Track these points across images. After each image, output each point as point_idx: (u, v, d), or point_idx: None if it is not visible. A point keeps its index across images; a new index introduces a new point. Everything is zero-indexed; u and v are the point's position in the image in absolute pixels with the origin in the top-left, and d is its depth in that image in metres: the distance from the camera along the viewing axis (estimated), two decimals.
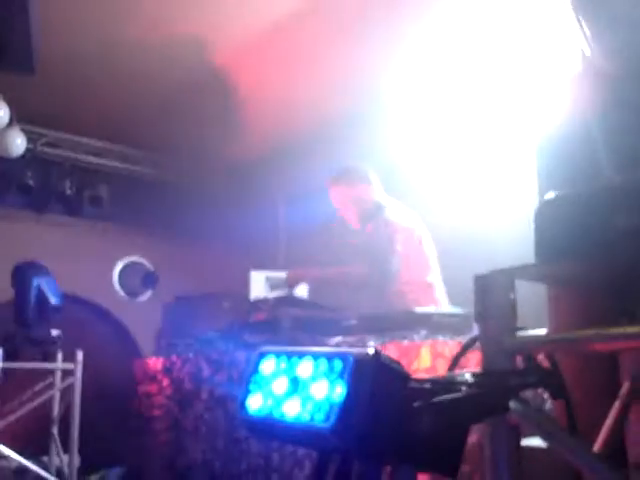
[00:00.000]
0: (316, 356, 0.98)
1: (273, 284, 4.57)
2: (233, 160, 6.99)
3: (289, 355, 1.04)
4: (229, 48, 4.94)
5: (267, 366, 1.07)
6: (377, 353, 0.93)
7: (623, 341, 1.25)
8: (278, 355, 1.06)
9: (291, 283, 4.01)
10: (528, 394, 1.52)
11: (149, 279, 6.27)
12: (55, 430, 4.54)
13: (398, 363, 0.96)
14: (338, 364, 0.93)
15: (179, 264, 5.95)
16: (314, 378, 0.97)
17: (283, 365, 1.04)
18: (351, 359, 0.91)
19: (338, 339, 2.83)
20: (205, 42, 4.84)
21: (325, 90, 5.42)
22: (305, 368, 1.00)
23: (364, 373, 0.91)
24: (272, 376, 1.05)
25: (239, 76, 5.32)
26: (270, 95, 5.49)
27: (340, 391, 0.91)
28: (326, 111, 5.75)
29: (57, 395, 4.61)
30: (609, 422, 1.60)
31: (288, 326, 3.15)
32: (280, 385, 1.02)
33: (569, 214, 1.37)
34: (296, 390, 0.99)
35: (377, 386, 0.92)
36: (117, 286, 6.22)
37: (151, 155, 6.73)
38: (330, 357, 0.95)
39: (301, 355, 1.02)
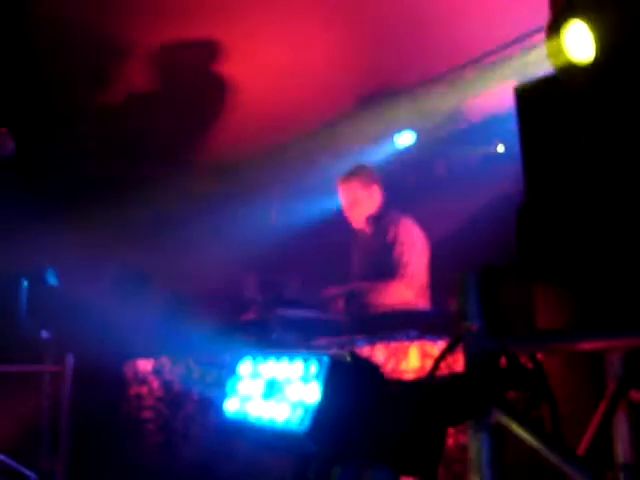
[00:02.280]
0: (292, 357, 0.97)
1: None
2: (226, 160, 6.97)
3: (266, 357, 1.03)
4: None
5: (244, 368, 1.06)
6: (353, 354, 0.92)
7: (609, 340, 1.24)
8: (255, 357, 1.05)
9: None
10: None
11: (140, 280, 6.24)
12: (45, 433, 4.51)
13: (375, 364, 0.95)
14: (314, 365, 0.92)
15: (171, 266, 5.92)
16: (290, 380, 0.95)
17: (260, 367, 1.03)
18: (326, 360, 0.90)
19: (327, 339, 2.82)
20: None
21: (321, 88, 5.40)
22: (281, 370, 0.98)
23: (340, 374, 0.89)
24: (249, 378, 1.04)
25: (232, 75, 5.31)
26: (265, 93, 5.47)
27: (315, 393, 0.90)
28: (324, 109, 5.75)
29: (46, 398, 4.57)
30: (595, 422, 1.59)
31: (278, 327, 3.13)
32: (256, 387, 1.01)
33: (551, 214, 1.36)
34: (272, 392, 0.98)
35: (353, 388, 0.90)
36: (108, 287, 6.19)
37: (144, 156, 6.69)
38: (306, 358, 0.94)
39: (278, 357, 1.00)
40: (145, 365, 4.04)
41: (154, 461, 3.77)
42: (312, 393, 0.90)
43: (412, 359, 2.39)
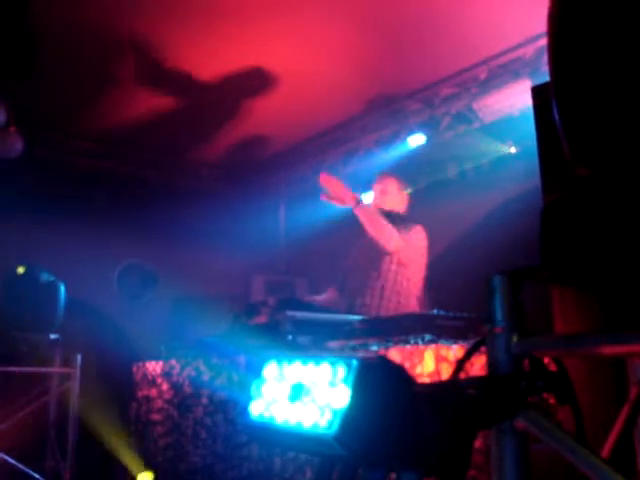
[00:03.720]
0: (319, 361, 0.95)
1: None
2: (235, 163, 6.97)
3: (291, 360, 1.01)
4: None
5: (269, 371, 1.04)
6: (382, 357, 0.90)
7: (633, 344, 1.22)
8: (280, 360, 1.03)
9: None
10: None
11: (149, 281, 6.24)
12: (52, 435, 4.50)
13: (403, 367, 0.93)
14: (342, 369, 0.90)
15: (179, 267, 5.92)
16: (317, 384, 0.94)
17: (285, 371, 1.01)
18: (355, 364, 0.88)
19: (340, 342, 2.79)
20: None
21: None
22: (308, 374, 0.96)
23: (368, 378, 0.88)
24: (274, 382, 1.02)
25: (241, 80, 5.30)
26: (274, 96, 5.46)
27: (343, 397, 0.88)
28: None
29: (54, 399, 4.57)
30: (617, 427, 1.56)
31: (289, 329, 3.11)
32: (282, 391, 0.99)
33: (576, 214, 1.34)
34: (298, 396, 0.96)
35: (381, 391, 0.89)
36: (117, 288, 6.19)
37: (151, 157, 6.70)
38: (334, 362, 0.92)
39: (304, 360, 0.99)
40: (154, 367, 4.02)
41: (163, 464, 3.75)
42: (340, 397, 0.89)
43: (428, 363, 2.37)
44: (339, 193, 3.80)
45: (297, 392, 0.96)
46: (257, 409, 1.02)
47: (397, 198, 4.12)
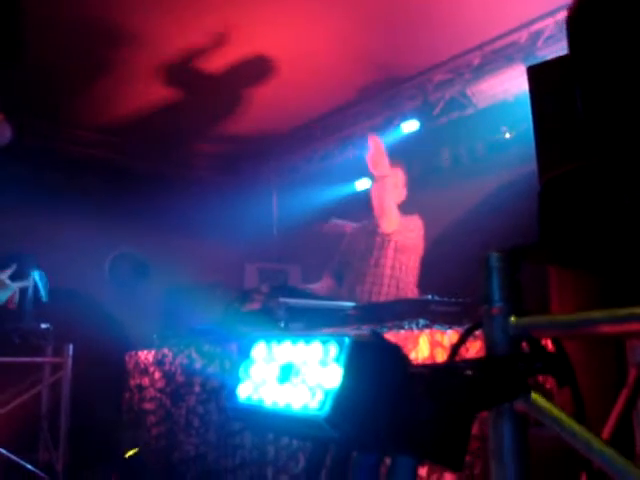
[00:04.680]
0: (309, 340, 0.91)
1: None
2: (227, 152, 6.92)
3: (280, 340, 0.97)
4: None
5: (258, 352, 1.00)
6: (376, 335, 0.86)
7: (635, 322, 1.18)
8: (269, 340, 0.99)
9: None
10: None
11: (141, 270, 6.19)
12: (45, 425, 4.46)
13: (398, 346, 0.89)
14: (333, 348, 0.86)
15: (172, 255, 5.87)
16: (307, 363, 0.89)
17: (274, 351, 0.97)
18: (348, 342, 0.84)
19: (334, 329, 2.76)
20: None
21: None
22: (298, 353, 0.92)
23: (362, 357, 0.83)
24: (263, 363, 0.98)
25: (233, 67, 5.24)
26: (267, 80, 5.40)
27: (335, 377, 0.84)
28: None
29: (46, 390, 4.52)
30: (617, 410, 1.53)
31: (282, 316, 3.07)
32: (271, 372, 0.95)
33: (574, 193, 1.30)
34: (288, 377, 0.92)
35: (375, 370, 0.84)
36: (109, 277, 6.14)
37: (144, 146, 6.64)
38: (325, 340, 0.88)
39: (293, 340, 0.94)
40: (146, 356, 3.98)
41: (156, 453, 3.72)
42: (332, 377, 0.84)
43: (422, 348, 2.34)
44: (379, 158, 3.77)
45: (286, 373, 0.92)
46: (245, 392, 0.97)
47: (404, 191, 4.09)
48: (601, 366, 1.59)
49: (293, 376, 0.91)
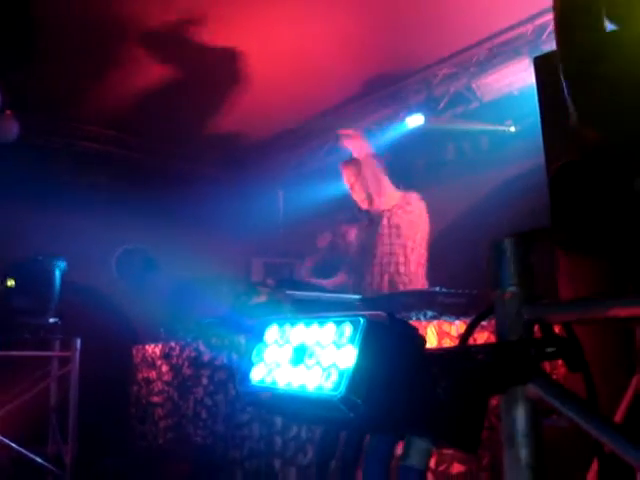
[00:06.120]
0: (322, 321, 0.91)
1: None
2: (234, 146, 6.92)
3: (293, 322, 0.97)
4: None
5: (271, 335, 1.00)
6: (391, 315, 0.86)
7: None
8: (282, 323, 0.99)
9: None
10: None
11: (148, 265, 6.20)
12: (53, 419, 4.48)
13: (413, 327, 0.89)
14: (348, 328, 0.86)
15: (179, 249, 5.88)
16: (321, 344, 0.89)
17: (287, 333, 0.97)
18: (362, 322, 0.84)
19: None
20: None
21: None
22: (311, 334, 0.92)
23: (377, 336, 0.83)
24: (276, 345, 0.98)
25: (240, 62, 5.23)
26: (273, 75, 5.39)
27: (350, 357, 0.83)
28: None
29: (55, 383, 4.54)
30: (627, 397, 1.53)
31: (289, 309, 3.08)
32: (284, 354, 0.95)
33: (586, 178, 1.30)
34: (301, 358, 0.91)
35: (391, 351, 0.84)
36: (116, 271, 6.15)
37: (150, 141, 6.65)
38: (339, 321, 0.88)
39: (307, 322, 0.94)
40: (154, 349, 4.00)
41: (164, 445, 3.73)
42: (346, 357, 0.84)
43: (430, 339, 2.34)
44: (358, 142, 3.78)
45: (300, 354, 0.92)
46: (258, 375, 0.97)
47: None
48: (611, 353, 1.58)
49: (307, 358, 0.91)
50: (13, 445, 4.04)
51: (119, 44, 4.95)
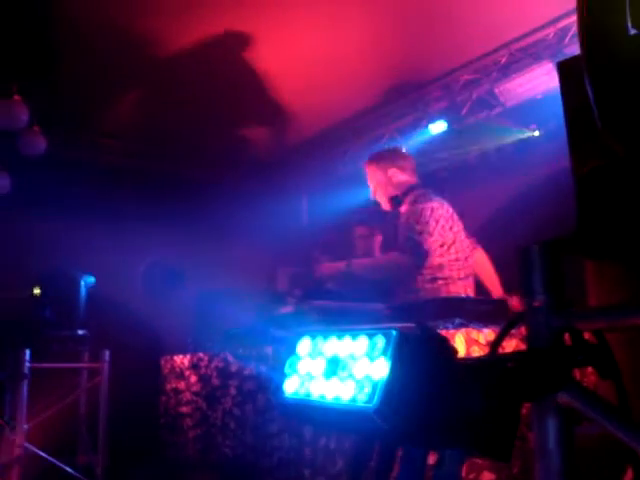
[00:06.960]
0: (355, 334, 0.92)
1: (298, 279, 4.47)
2: (257, 156, 6.96)
3: (325, 335, 0.98)
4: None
5: (303, 348, 1.01)
6: (422, 327, 0.87)
7: None
8: (314, 336, 1.00)
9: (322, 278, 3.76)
10: None
11: (174, 276, 6.25)
12: (83, 429, 4.53)
13: (445, 337, 0.89)
14: (380, 340, 0.87)
15: (204, 261, 5.92)
16: (354, 357, 0.91)
17: (320, 345, 0.98)
18: (395, 334, 0.85)
19: None
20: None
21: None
22: (344, 347, 0.93)
23: (409, 349, 0.84)
24: (308, 357, 0.99)
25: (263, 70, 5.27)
26: (296, 86, 5.42)
27: (383, 369, 0.85)
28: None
29: (84, 395, 4.59)
30: None
31: (315, 318, 3.09)
32: (317, 366, 0.96)
33: (614, 183, 1.30)
34: (335, 371, 0.93)
35: (423, 362, 0.85)
36: (142, 284, 6.21)
37: (174, 153, 6.71)
38: (371, 334, 0.89)
39: (339, 335, 0.95)
40: (182, 360, 4.03)
41: (193, 455, 3.76)
42: (379, 369, 0.85)
43: (458, 347, 2.33)
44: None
45: (333, 367, 0.93)
46: (291, 386, 0.99)
47: (389, 187, 3.70)
48: None
49: (340, 370, 0.92)
50: (44, 455, 4.09)
51: (140, 58, 5.00)
